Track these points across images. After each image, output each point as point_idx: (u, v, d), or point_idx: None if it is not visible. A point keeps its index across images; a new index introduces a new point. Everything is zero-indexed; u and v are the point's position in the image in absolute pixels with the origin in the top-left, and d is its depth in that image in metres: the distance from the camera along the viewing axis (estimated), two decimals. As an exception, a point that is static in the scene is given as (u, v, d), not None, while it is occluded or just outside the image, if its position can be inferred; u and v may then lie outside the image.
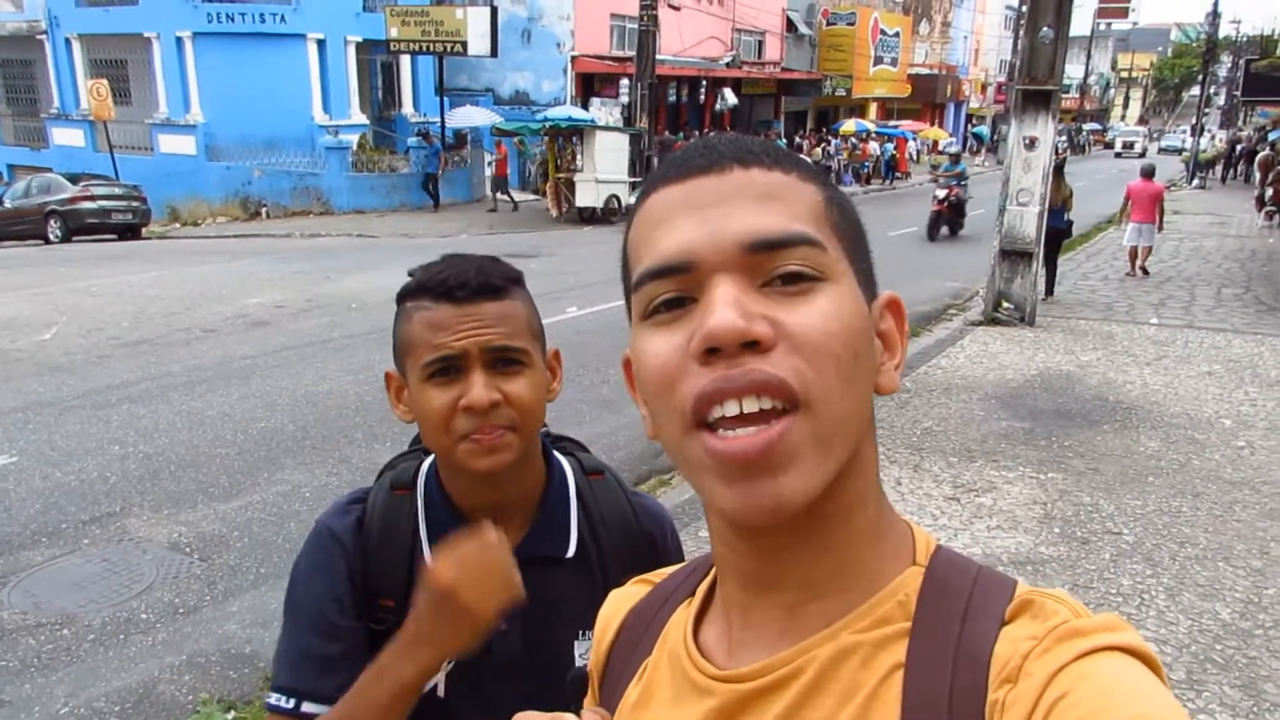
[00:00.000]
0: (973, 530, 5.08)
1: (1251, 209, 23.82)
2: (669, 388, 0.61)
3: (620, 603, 0.84)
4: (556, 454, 1.35)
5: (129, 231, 18.49)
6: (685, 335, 0.60)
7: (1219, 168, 38.22)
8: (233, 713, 3.50)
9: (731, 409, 0.58)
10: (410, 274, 1.23)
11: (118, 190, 18.67)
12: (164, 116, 22.39)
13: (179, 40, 21.78)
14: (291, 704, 1.18)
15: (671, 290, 0.62)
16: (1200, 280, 13.84)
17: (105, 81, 20.72)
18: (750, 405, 0.58)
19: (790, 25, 37.30)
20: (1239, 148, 38.46)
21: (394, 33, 22.38)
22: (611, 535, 1.31)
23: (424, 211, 21.54)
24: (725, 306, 0.58)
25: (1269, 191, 22.36)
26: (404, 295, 1.22)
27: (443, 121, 23.55)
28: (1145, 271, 14.13)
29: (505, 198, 22.09)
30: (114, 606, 4.31)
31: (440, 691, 1.23)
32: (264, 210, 21.09)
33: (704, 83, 32.19)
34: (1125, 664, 0.55)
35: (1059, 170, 11.57)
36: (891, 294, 0.69)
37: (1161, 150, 56.38)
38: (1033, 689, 0.55)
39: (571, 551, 1.28)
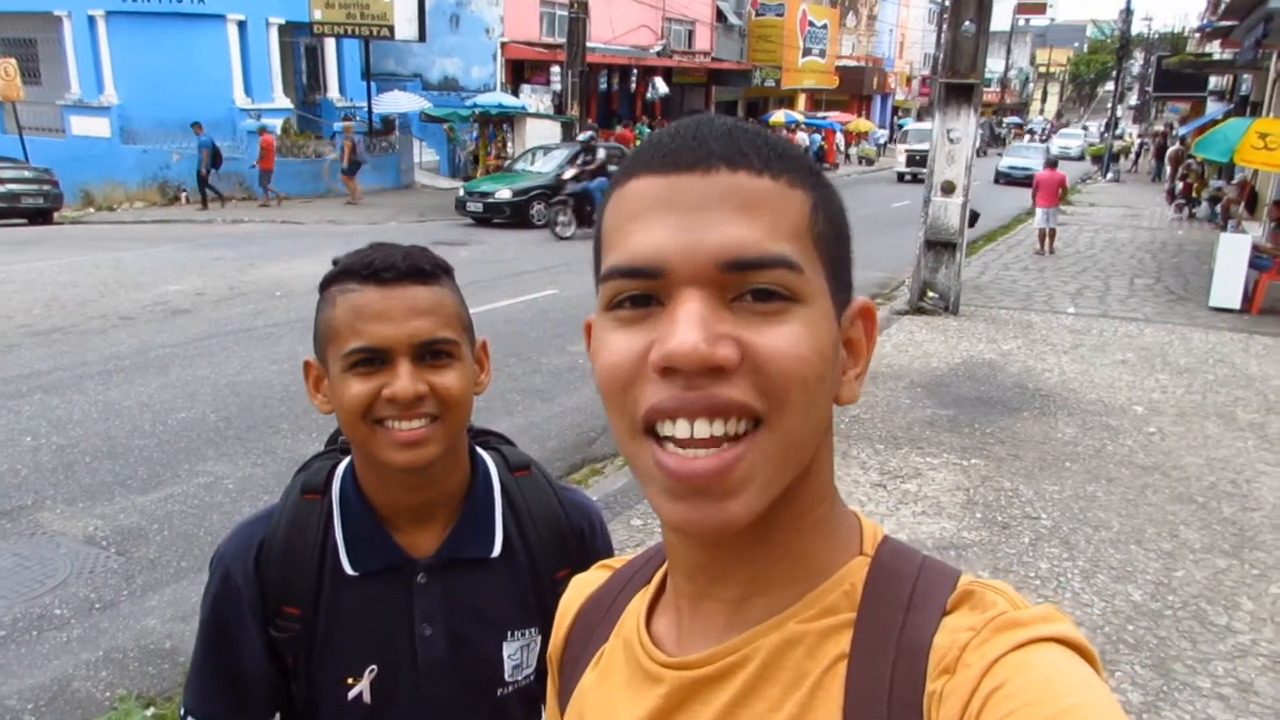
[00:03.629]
0: (898, 516, 5.19)
1: (1162, 202, 24.71)
2: (622, 389, 0.60)
3: (580, 589, 0.84)
4: (480, 450, 1.30)
5: (40, 216, 17.78)
6: (646, 341, 0.58)
7: (1124, 161, 39.54)
8: (152, 709, 3.41)
9: (683, 430, 0.57)
10: (335, 261, 1.18)
11: (27, 173, 17.93)
12: (76, 98, 21.51)
13: (91, 19, 20.96)
14: None
15: (638, 289, 0.60)
16: (1114, 271, 14.31)
17: (13, 61, 19.83)
18: (702, 429, 0.57)
19: (720, 15, 37.44)
20: (1145, 143, 39.79)
21: (318, 15, 21.84)
22: (540, 532, 1.28)
23: (364, 196, 21.05)
24: (691, 327, 0.56)
25: (1179, 185, 23.23)
26: (328, 281, 1.17)
27: (369, 107, 23.10)
28: (1052, 251, 15.49)
29: (273, 191, 20.15)
30: (26, 602, 4.16)
31: (366, 698, 1.20)
32: (184, 195, 20.42)
33: (635, 71, 32.15)
34: (1061, 655, 0.55)
35: None
36: (864, 301, 0.68)
37: (1003, 175, 30.17)
38: (970, 679, 0.55)
39: (497, 551, 1.24)
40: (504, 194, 17.38)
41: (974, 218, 13.20)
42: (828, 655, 0.62)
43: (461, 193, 18.41)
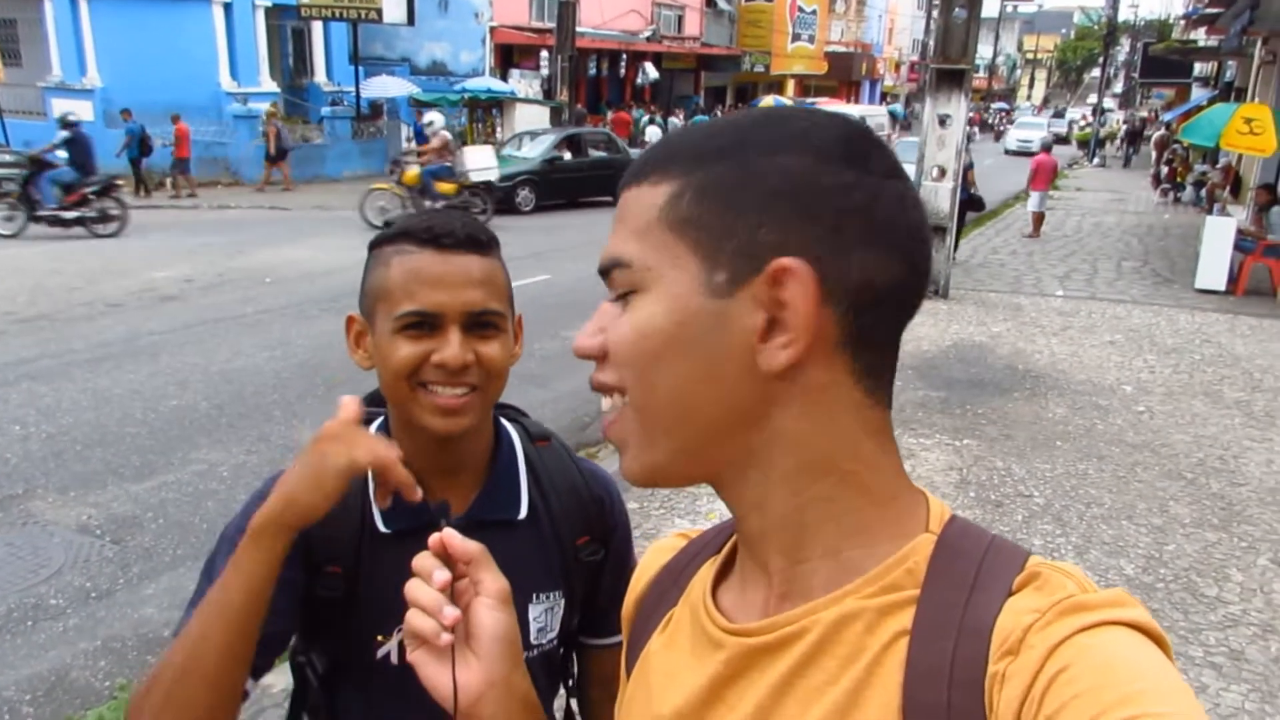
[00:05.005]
0: (892, 497, 5.22)
1: (1148, 186, 24.81)
2: None
3: (656, 555, 0.86)
4: (503, 420, 1.34)
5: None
6: None
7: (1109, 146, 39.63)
8: (152, 695, 3.41)
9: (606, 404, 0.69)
10: (388, 223, 1.20)
11: (8, 157, 17.76)
12: (58, 80, 21.22)
13: (73, -1, 20.76)
14: None
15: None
16: (1102, 254, 14.38)
17: (-7, 43, 19.68)
18: (605, 404, 0.69)
19: (710, 0, 37.33)
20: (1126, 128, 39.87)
21: (305, -3, 21.68)
22: (562, 499, 1.31)
23: (339, 183, 20.93)
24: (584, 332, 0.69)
25: (1164, 169, 23.33)
26: (382, 240, 1.19)
27: (357, 91, 22.93)
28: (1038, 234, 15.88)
29: (185, 181, 19.16)
30: (20, 592, 4.15)
31: (394, 659, 1.22)
32: (167, 181, 20.26)
33: (624, 56, 32.06)
34: (1129, 638, 0.54)
35: None
36: (778, 263, 0.60)
37: None
38: (1033, 662, 0.54)
39: (523, 514, 1.27)
40: None
41: (979, 203, 13.27)
42: (887, 631, 0.61)
43: None
